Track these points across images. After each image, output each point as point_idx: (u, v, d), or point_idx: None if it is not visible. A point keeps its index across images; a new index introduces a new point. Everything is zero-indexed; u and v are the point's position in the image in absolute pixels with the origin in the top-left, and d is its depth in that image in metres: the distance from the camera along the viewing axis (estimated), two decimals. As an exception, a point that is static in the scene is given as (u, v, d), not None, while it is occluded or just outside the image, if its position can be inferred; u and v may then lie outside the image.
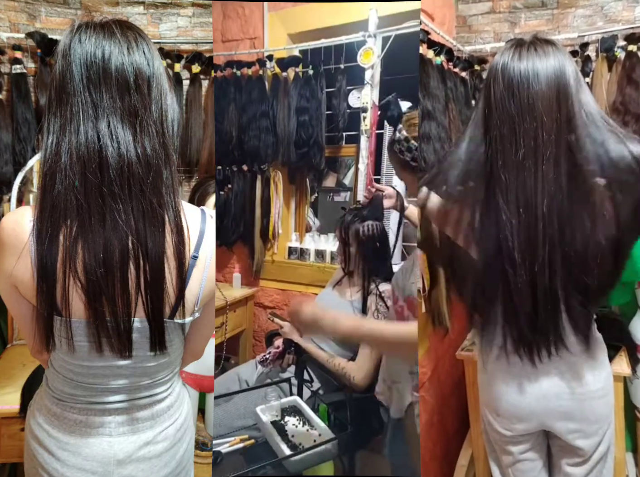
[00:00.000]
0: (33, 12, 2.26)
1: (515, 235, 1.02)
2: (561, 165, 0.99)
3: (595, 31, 2.30)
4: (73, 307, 0.85)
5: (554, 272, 1.02)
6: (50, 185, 0.83)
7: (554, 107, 0.99)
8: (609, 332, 1.72)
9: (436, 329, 1.98)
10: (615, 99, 2.20)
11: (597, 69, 2.27)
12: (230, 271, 2.75)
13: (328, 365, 1.80)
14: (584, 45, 2.29)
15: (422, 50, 2.01)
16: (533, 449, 1.23)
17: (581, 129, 1.00)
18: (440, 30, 2.16)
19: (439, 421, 2.07)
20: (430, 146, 1.92)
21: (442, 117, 2.04)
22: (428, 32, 2.03)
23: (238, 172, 2.63)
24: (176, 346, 0.98)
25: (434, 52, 2.08)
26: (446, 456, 2.10)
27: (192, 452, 1.10)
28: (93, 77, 0.84)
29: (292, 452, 1.46)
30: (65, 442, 0.94)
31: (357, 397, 1.68)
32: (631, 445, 2.23)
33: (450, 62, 2.23)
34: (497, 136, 1.02)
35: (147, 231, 0.85)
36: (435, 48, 2.09)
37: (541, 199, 1.00)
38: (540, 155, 0.99)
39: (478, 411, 1.34)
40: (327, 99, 2.42)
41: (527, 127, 0.99)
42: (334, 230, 2.49)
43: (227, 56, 2.62)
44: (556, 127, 0.99)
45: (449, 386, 2.20)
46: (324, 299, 2.02)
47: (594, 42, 2.29)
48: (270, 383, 1.87)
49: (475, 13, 2.55)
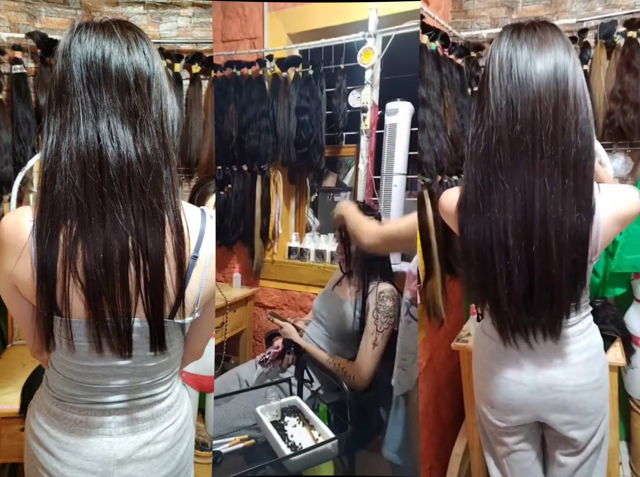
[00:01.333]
0: (33, 12, 2.26)
1: (510, 216, 1.01)
2: (559, 142, 0.99)
3: (594, 17, 2.24)
4: (73, 307, 0.85)
5: (550, 253, 1.01)
6: (50, 185, 0.83)
7: (552, 84, 0.99)
8: (604, 323, 1.84)
9: (431, 320, 1.99)
10: (614, 87, 2.16)
11: (595, 56, 2.22)
12: (230, 271, 2.75)
13: (328, 365, 1.80)
14: (583, 32, 2.23)
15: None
16: (527, 439, 1.25)
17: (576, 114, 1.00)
18: (435, 14, 2.07)
19: (434, 411, 2.08)
20: (425, 134, 1.88)
21: (437, 104, 1.97)
22: (422, 16, 1.95)
23: (238, 172, 2.63)
24: (176, 346, 0.98)
25: (428, 37, 2.00)
26: (442, 444, 2.11)
27: (192, 452, 1.10)
28: (93, 77, 0.84)
29: (292, 452, 1.46)
30: (65, 442, 0.94)
31: (357, 397, 1.68)
32: (624, 434, 2.25)
33: (446, 49, 2.15)
34: (494, 112, 1.02)
35: (147, 231, 0.85)
36: (430, 33, 2.00)
37: (539, 177, 1.00)
38: (537, 130, 0.99)
39: (473, 402, 1.32)
40: (327, 99, 2.41)
41: (525, 100, 0.99)
42: (334, 230, 2.49)
43: (227, 56, 2.61)
44: (555, 101, 0.99)
45: (445, 376, 2.20)
46: (324, 299, 2.02)
47: (592, 29, 2.23)
48: (270, 383, 1.87)
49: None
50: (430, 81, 1.95)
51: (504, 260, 1.04)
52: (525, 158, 1.00)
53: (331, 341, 1.90)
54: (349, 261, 1.89)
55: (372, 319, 1.74)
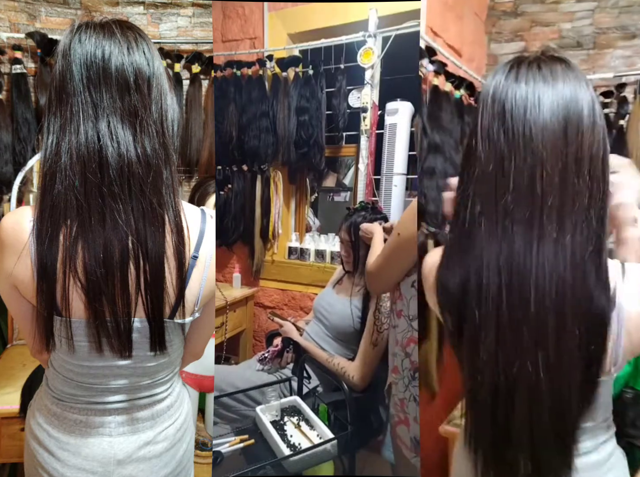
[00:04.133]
0: (33, 12, 2.26)
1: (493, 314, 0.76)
2: (566, 220, 0.73)
3: (634, 72, 2.20)
4: (73, 307, 0.85)
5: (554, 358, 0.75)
6: (50, 185, 0.83)
7: (560, 143, 0.73)
8: (635, 426, 1.25)
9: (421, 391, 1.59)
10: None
11: (634, 111, 2.15)
12: (230, 271, 2.75)
13: (328, 365, 1.80)
14: (621, 86, 2.20)
15: (437, 82, 1.89)
16: None
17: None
18: (468, 67, 2.11)
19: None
20: (433, 182, 1.78)
21: (453, 152, 1.88)
22: (445, 64, 1.91)
23: (238, 172, 2.63)
24: (176, 346, 0.98)
25: (451, 84, 1.98)
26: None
27: (192, 452, 1.10)
28: (93, 77, 0.84)
29: (292, 452, 1.47)
30: (65, 442, 0.93)
31: (357, 397, 1.68)
32: None
33: (472, 97, 2.11)
34: (479, 174, 0.77)
35: (147, 231, 0.85)
36: (453, 80, 1.99)
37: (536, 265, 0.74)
38: (537, 205, 0.73)
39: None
40: (327, 99, 2.42)
41: (521, 166, 0.74)
42: (334, 230, 2.49)
43: (227, 56, 2.62)
44: (561, 167, 0.73)
45: (433, 461, 1.76)
46: (324, 298, 2.03)
47: (632, 84, 2.19)
48: (270, 383, 1.87)
49: (507, 52, 2.50)
50: (448, 128, 1.89)
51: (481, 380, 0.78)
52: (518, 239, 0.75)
53: (331, 340, 1.90)
54: (356, 263, 1.89)
55: (372, 319, 1.74)
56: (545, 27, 2.43)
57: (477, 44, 2.41)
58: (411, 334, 1.44)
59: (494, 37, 2.55)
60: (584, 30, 2.36)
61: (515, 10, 2.49)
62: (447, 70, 1.96)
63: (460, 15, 2.22)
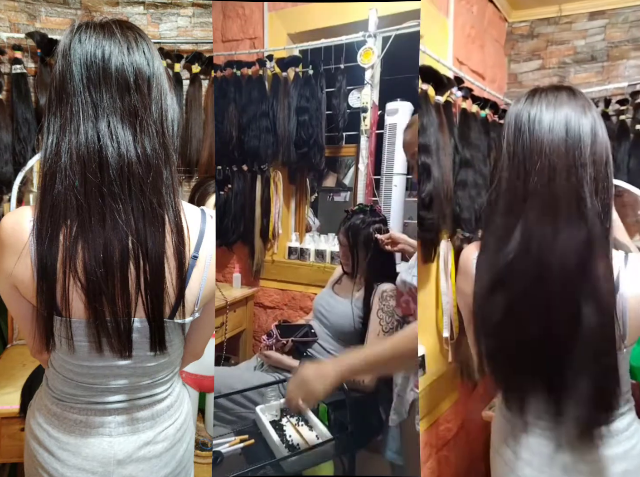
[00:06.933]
0: (33, 12, 2.26)
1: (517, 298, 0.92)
2: (574, 215, 0.89)
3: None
4: (73, 307, 0.85)
5: (570, 347, 0.90)
6: (50, 185, 0.83)
7: (563, 152, 0.90)
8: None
9: (464, 382, 1.79)
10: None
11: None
12: (230, 271, 2.75)
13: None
14: (635, 94, 2.28)
15: (465, 105, 2.12)
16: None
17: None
18: (490, 88, 2.29)
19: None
20: (465, 192, 2.04)
21: (482, 165, 2.13)
22: (471, 89, 2.18)
23: (238, 172, 2.63)
24: (176, 346, 0.98)
25: (477, 106, 2.22)
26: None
27: (192, 452, 1.10)
28: (93, 77, 0.84)
29: (291, 452, 1.46)
30: (65, 442, 0.94)
31: (357, 397, 1.68)
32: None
33: (496, 115, 2.36)
34: (504, 179, 0.95)
35: (147, 231, 0.85)
36: (479, 102, 2.22)
37: (552, 249, 0.89)
38: (553, 204, 0.90)
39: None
40: (327, 99, 2.41)
41: (536, 171, 0.91)
42: (334, 230, 2.49)
43: (227, 56, 2.61)
44: (567, 171, 0.90)
45: (479, 447, 1.87)
46: (323, 298, 2.02)
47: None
48: (269, 383, 1.87)
49: (525, 70, 2.66)
50: (476, 144, 2.13)
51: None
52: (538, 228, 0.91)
53: (331, 339, 1.90)
54: (357, 263, 1.89)
55: (376, 320, 1.73)
56: (560, 46, 2.58)
57: (498, 66, 2.58)
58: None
59: (513, 58, 2.72)
60: (597, 45, 2.48)
61: (531, 32, 2.66)
62: (473, 94, 2.19)
63: (482, 45, 2.41)
